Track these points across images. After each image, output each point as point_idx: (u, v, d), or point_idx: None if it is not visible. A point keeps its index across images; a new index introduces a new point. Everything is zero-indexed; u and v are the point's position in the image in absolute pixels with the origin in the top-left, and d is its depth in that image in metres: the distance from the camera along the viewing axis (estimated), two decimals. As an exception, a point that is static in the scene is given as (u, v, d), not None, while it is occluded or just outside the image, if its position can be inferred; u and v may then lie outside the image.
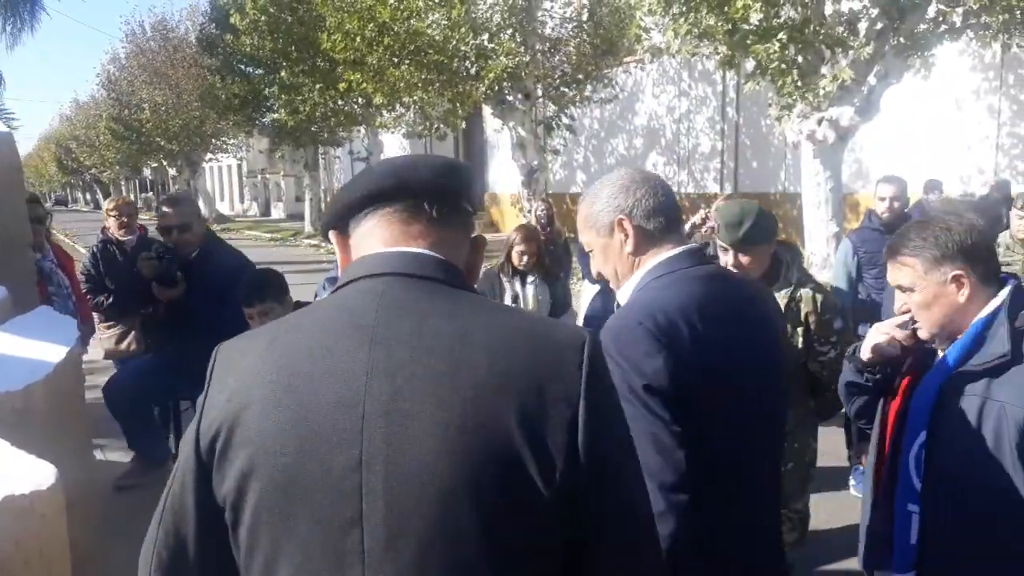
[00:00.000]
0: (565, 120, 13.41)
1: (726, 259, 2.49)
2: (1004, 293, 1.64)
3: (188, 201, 4.08)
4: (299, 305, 3.18)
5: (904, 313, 1.73)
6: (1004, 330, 1.59)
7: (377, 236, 1.01)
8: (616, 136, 17.48)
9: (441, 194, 1.03)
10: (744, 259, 2.45)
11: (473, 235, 1.08)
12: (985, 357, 1.59)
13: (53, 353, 2.46)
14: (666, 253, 1.51)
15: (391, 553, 0.86)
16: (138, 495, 3.59)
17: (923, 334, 1.72)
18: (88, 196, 57.92)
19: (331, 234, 1.07)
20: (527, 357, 0.90)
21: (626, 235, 1.52)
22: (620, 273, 1.56)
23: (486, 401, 0.87)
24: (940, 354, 1.73)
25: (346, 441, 0.87)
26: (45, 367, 2.40)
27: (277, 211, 35.24)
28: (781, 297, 2.51)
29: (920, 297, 1.67)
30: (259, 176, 37.22)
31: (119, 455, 4.06)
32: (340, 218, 1.05)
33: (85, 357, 3.85)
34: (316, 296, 3.79)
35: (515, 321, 0.95)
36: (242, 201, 40.69)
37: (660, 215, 1.52)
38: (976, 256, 1.65)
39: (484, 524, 0.86)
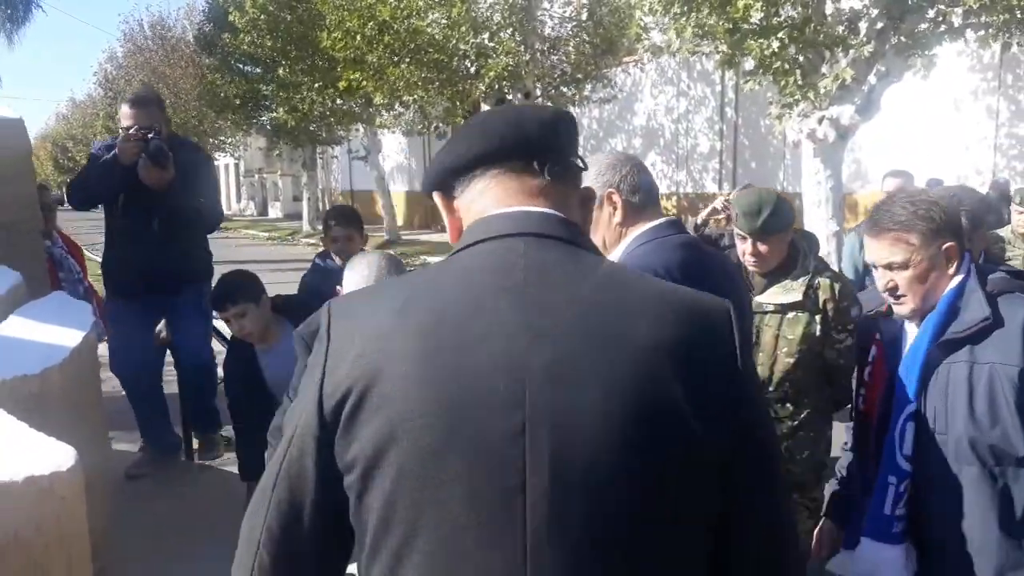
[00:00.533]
0: (565, 119, 13.41)
1: (744, 247, 2.49)
2: (966, 263, 1.69)
3: (154, 101, 3.71)
4: (278, 300, 3.15)
5: (890, 291, 1.72)
6: (980, 295, 1.63)
7: (491, 196, 0.97)
8: (615, 136, 17.50)
9: (554, 149, 0.98)
10: (763, 247, 2.46)
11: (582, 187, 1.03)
12: (965, 324, 1.62)
13: (69, 338, 2.45)
14: (648, 223, 1.71)
15: (556, 526, 0.81)
16: (147, 484, 3.59)
17: (904, 310, 1.73)
18: (83, 195, 57.65)
19: (435, 195, 1.03)
20: (683, 324, 0.87)
21: (614, 207, 1.71)
22: (608, 242, 1.73)
23: (650, 368, 0.83)
24: (909, 330, 1.76)
25: (507, 406, 0.82)
26: (61, 351, 2.39)
27: (274, 211, 35.19)
28: (799, 285, 2.51)
29: (915, 272, 1.67)
30: (256, 176, 37.17)
31: (127, 446, 4.06)
32: (447, 179, 1.01)
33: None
34: (302, 282, 3.74)
35: (661, 287, 0.93)
36: (239, 200, 40.62)
37: (643, 190, 1.73)
38: (959, 229, 1.70)
39: (653, 494, 0.83)
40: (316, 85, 17.17)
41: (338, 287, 2.08)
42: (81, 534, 2.11)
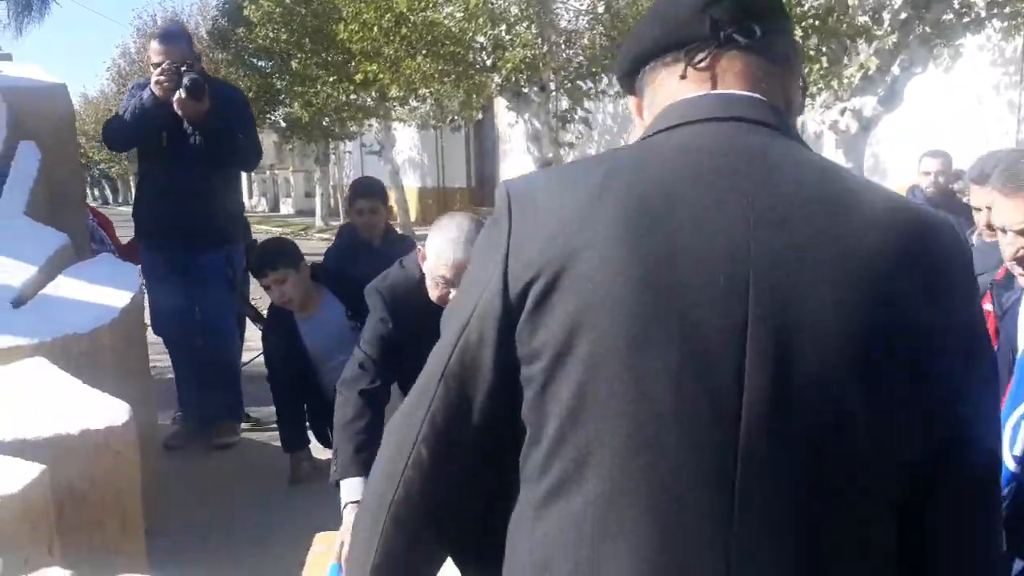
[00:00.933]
0: (581, 113, 13.40)
1: None
2: None
3: (184, 35, 3.64)
4: (317, 269, 3.16)
5: (1019, 260, 1.51)
6: None
7: (676, 82, 0.87)
8: (629, 130, 17.48)
9: (748, 17, 0.85)
10: None
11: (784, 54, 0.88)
12: None
13: (117, 298, 2.46)
14: None
15: (775, 430, 0.73)
16: (185, 454, 3.59)
17: None
18: (96, 192, 58.01)
19: (631, 101, 0.96)
20: (917, 231, 0.78)
21: None
22: None
23: (883, 275, 0.75)
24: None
25: (727, 298, 0.74)
26: (111, 312, 2.40)
27: (286, 207, 35.26)
28: None
29: None
30: (268, 172, 37.24)
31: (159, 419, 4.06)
32: (631, 74, 0.93)
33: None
34: (327, 254, 3.73)
35: (886, 192, 0.83)
36: (250, 196, 40.71)
37: None
38: None
39: (876, 409, 0.75)
40: (331, 79, 17.18)
41: (420, 247, 2.06)
42: (134, 489, 2.11)
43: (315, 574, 1.67)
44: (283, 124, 21.74)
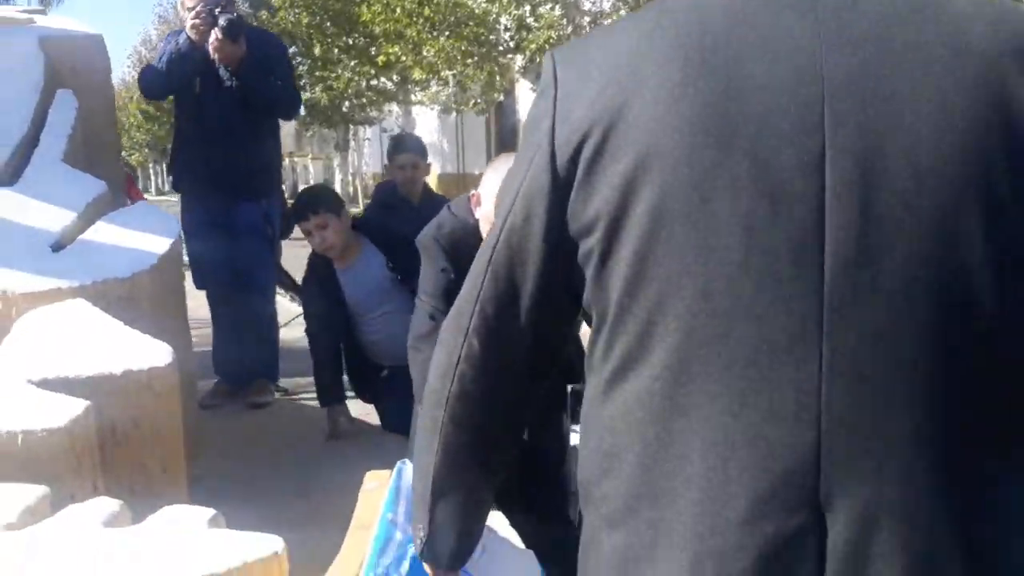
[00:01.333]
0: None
1: None
2: None
3: None
4: (358, 219, 3.14)
5: None
6: None
7: None
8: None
9: None
10: None
11: None
12: None
13: (157, 245, 2.43)
14: None
15: (863, 277, 0.64)
16: (221, 412, 3.56)
17: None
18: (116, 179, 58.62)
19: None
20: None
21: None
22: None
23: (992, 76, 0.65)
24: None
25: (799, 131, 0.65)
26: (150, 257, 2.37)
27: (304, 194, 35.44)
28: None
29: None
30: (287, 159, 37.43)
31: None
32: None
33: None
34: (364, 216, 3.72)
35: None
36: (269, 184, 40.91)
37: None
38: None
39: (1003, 250, 0.65)
40: (352, 63, 17.20)
41: (474, 191, 1.99)
42: (176, 431, 2.07)
43: (367, 511, 1.61)
44: (303, 110, 21.83)
